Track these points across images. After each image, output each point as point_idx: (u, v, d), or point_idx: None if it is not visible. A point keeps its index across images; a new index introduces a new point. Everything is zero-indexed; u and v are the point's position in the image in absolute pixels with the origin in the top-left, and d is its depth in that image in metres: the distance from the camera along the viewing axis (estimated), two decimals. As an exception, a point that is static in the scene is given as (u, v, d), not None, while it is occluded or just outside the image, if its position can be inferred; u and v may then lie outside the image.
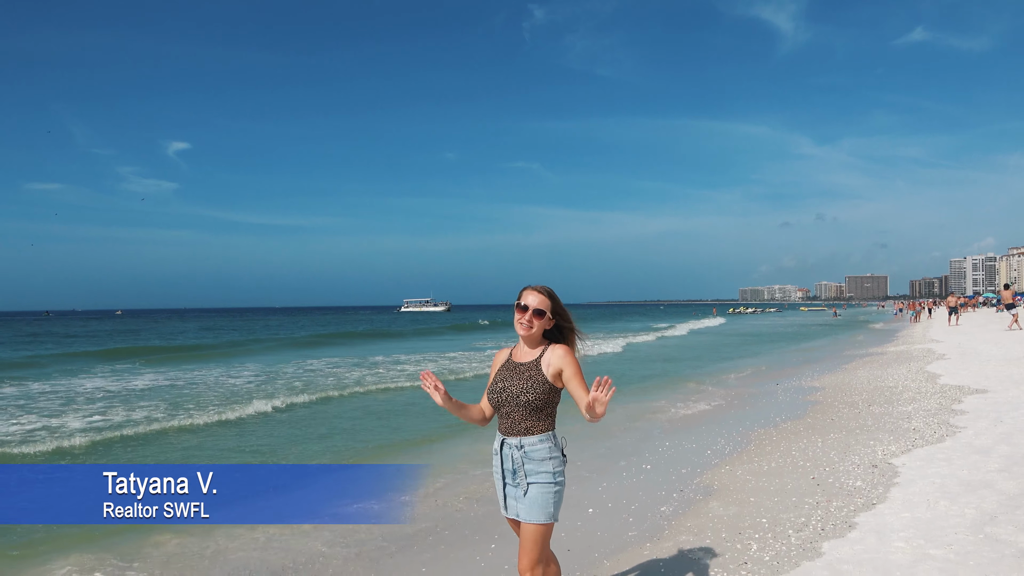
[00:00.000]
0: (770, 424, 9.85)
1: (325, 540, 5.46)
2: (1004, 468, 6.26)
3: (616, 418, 11.34)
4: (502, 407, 3.12)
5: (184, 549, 5.39)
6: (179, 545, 5.45)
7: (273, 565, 5.05)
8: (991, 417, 8.94)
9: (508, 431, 3.11)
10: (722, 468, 7.35)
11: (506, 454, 3.10)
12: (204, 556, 5.27)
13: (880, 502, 5.52)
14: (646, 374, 19.06)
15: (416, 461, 8.65)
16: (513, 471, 3.08)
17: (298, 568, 5.00)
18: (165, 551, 5.36)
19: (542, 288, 3.18)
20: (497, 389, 3.13)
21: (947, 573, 3.96)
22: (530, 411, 3.06)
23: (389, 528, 5.53)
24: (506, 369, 3.18)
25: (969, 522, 4.83)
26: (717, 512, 5.69)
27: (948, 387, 12.17)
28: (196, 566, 5.09)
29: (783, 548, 4.65)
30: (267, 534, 5.60)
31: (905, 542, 4.52)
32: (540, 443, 3.08)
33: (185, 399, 14.68)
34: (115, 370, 22.42)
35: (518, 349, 3.24)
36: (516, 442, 3.08)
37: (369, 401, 14.23)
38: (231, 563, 5.12)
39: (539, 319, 3.12)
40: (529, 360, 3.15)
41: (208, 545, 5.44)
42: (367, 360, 24.37)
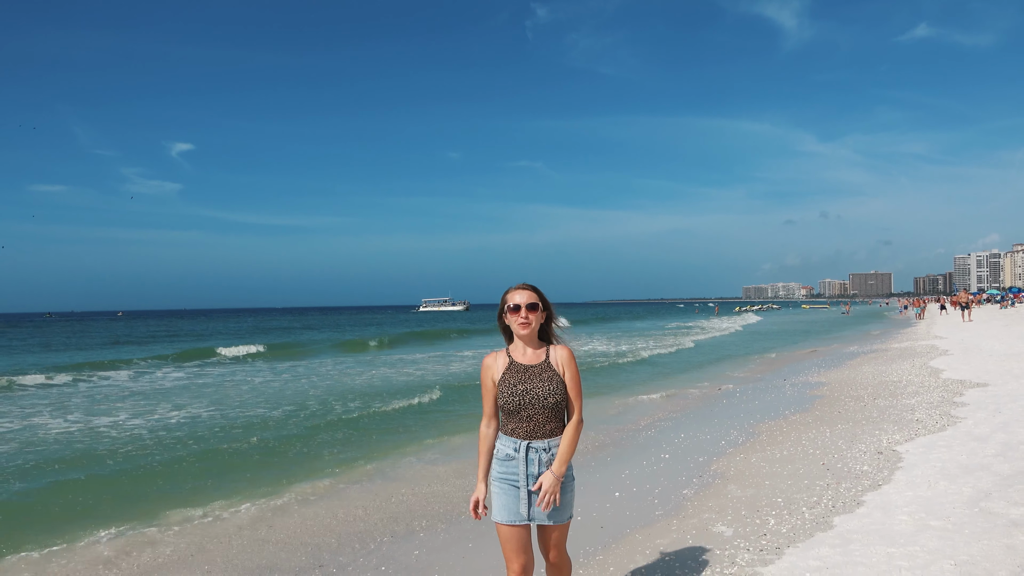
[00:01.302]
0: (779, 416, 10.35)
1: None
2: (1000, 453, 6.75)
3: (646, 407, 11.86)
4: (524, 410, 3.06)
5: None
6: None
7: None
8: (990, 408, 9.42)
9: (532, 434, 3.07)
10: (736, 456, 7.85)
11: (532, 458, 3.05)
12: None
13: (885, 483, 6.02)
14: (714, 357, 19.60)
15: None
16: (537, 475, 3.06)
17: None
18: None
19: (524, 285, 3.19)
20: (518, 392, 3.07)
21: (945, 540, 4.47)
22: (554, 413, 3.08)
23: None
24: (516, 372, 3.12)
25: (966, 499, 5.33)
26: (735, 494, 6.20)
27: (950, 381, 12.65)
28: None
29: (798, 522, 5.16)
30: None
31: (908, 516, 5.03)
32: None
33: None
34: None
35: (516, 351, 3.20)
36: (544, 445, 3.06)
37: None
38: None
39: (534, 313, 3.13)
40: (539, 361, 3.14)
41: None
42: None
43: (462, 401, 14.06)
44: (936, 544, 4.41)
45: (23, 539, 6.05)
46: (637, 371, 19.88)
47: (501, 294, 3.22)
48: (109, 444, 10.40)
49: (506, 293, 3.19)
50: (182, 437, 10.81)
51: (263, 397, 15.68)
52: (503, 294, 3.20)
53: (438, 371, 21.09)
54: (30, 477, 8.45)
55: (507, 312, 3.15)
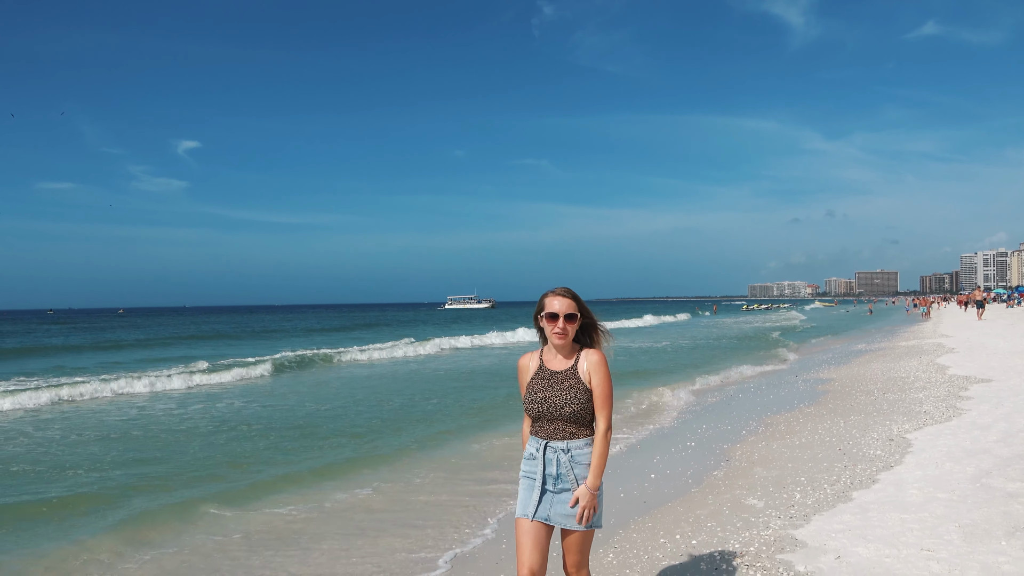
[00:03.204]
0: (795, 409, 11.05)
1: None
2: (1001, 439, 7.44)
3: (668, 402, 12.57)
4: (543, 417, 3.06)
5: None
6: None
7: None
8: (993, 401, 10.10)
9: (552, 436, 3.05)
10: (759, 444, 8.54)
11: (550, 458, 3.03)
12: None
13: (897, 465, 6.72)
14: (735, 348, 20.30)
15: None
16: (556, 476, 3.01)
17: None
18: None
19: (564, 290, 3.10)
20: (537, 400, 3.05)
21: (951, 508, 5.17)
22: (574, 420, 3.02)
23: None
24: (542, 378, 3.09)
25: (969, 476, 6.03)
26: (762, 474, 6.90)
27: (956, 377, 13.33)
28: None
29: (821, 496, 5.86)
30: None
31: (918, 490, 5.73)
32: (586, 447, 3.04)
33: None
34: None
35: (548, 354, 3.15)
36: (562, 446, 3.02)
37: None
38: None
39: (572, 324, 3.05)
40: (565, 368, 3.08)
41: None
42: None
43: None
44: (943, 511, 5.11)
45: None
46: (655, 364, 20.59)
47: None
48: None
49: (544, 296, 3.12)
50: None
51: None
52: (541, 296, 3.13)
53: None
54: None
55: (543, 318, 3.09)
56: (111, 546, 5.69)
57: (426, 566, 5.08)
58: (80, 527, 6.27)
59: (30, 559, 5.48)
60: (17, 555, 5.58)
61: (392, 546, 5.52)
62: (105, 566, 5.29)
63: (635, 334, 41.24)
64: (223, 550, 5.56)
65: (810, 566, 4.27)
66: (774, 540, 4.81)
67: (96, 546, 5.69)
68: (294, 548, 5.54)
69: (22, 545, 5.83)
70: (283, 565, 5.19)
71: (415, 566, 5.09)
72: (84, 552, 5.56)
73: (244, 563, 5.27)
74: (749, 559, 4.51)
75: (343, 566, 5.14)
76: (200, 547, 5.65)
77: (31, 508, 6.94)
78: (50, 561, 5.41)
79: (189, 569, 5.20)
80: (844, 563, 4.28)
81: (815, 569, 4.22)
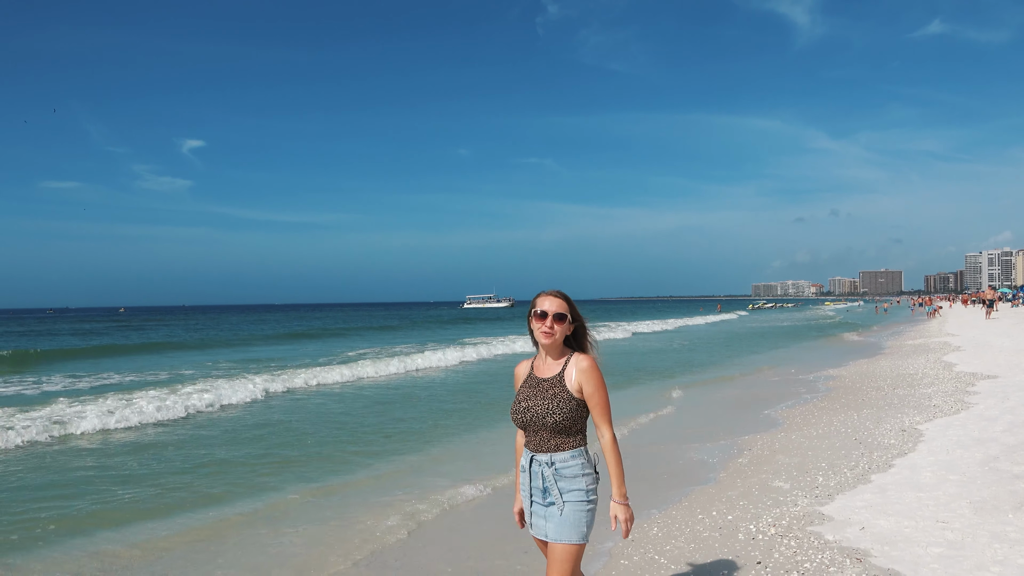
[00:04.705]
0: (810, 403, 11.59)
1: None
2: (1007, 430, 7.98)
3: (695, 396, 13.11)
4: (527, 427, 2.98)
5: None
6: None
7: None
8: (999, 396, 10.63)
9: (537, 448, 2.97)
10: (778, 435, 9.08)
11: (535, 472, 2.97)
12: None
13: (911, 452, 7.27)
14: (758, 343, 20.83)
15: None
16: (543, 489, 2.95)
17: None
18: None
19: (556, 292, 3.05)
20: (520, 409, 2.98)
21: (962, 488, 5.71)
22: (558, 430, 2.92)
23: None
24: (528, 386, 3.03)
25: (978, 461, 6.57)
26: (785, 461, 7.44)
27: (963, 374, 13.86)
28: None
29: (842, 479, 6.41)
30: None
31: (931, 473, 6.27)
32: (572, 459, 2.93)
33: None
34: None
35: (539, 361, 3.08)
36: (547, 459, 2.94)
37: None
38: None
39: (560, 324, 2.98)
40: (552, 375, 2.99)
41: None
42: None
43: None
44: (955, 490, 5.65)
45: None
46: (663, 363, 21.13)
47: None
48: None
49: (536, 297, 3.07)
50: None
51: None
52: (534, 297, 3.09)
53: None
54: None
55: (533, 316, 3.03)
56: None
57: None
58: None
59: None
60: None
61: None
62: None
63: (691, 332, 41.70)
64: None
65: (838, 535, 4.82)
66: (803, 515, 5.35)
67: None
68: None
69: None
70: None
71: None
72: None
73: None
74: (781, 530, 5.06)
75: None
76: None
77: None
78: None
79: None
80: (868, 533, 4.82)
81: (843, 538, 4.77)
